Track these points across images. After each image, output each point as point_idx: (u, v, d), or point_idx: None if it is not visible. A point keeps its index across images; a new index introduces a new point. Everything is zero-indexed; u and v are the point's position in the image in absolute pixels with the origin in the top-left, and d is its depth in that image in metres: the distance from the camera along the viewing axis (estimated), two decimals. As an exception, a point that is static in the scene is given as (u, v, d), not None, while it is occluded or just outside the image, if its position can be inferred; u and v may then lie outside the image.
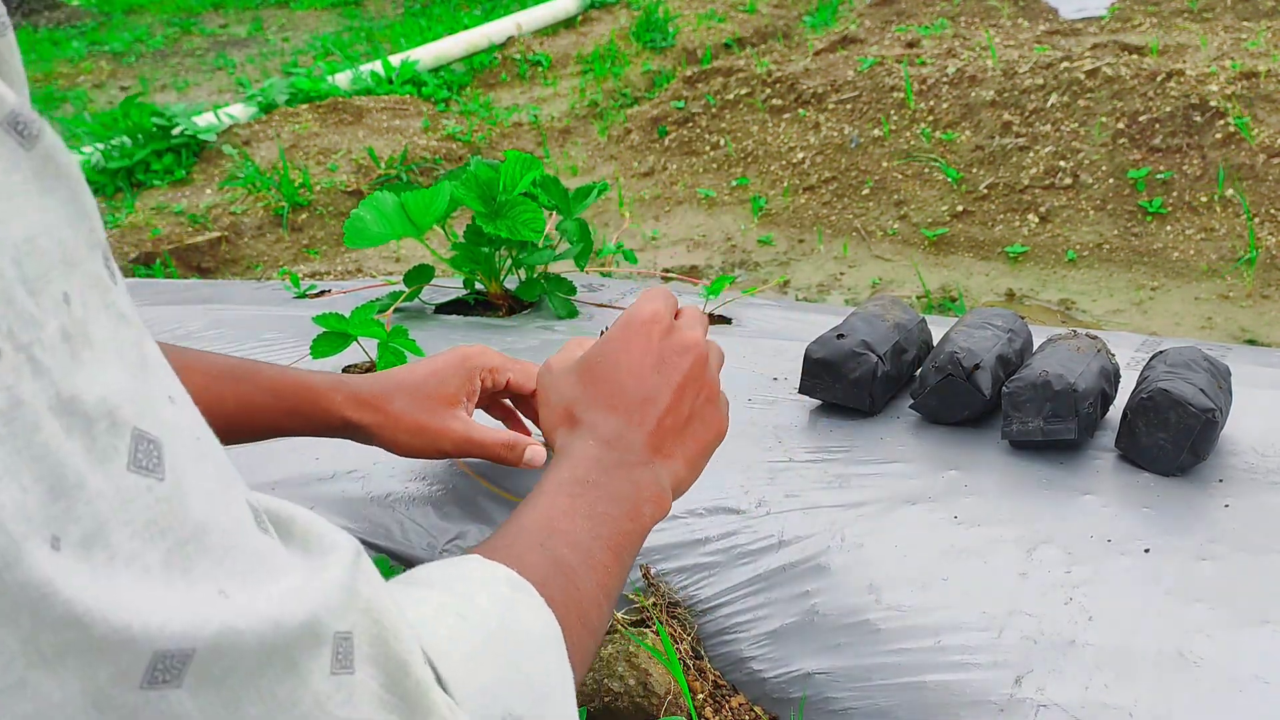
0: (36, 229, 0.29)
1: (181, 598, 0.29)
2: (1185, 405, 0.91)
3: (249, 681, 0.32)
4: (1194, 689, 0.75)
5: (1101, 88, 2.89)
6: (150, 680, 0.29)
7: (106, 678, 0.28)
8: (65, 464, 0.28)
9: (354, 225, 1.37)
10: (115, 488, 0.29)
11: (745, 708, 0.88)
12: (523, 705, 0.47)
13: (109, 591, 0.28)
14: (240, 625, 0.31)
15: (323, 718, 0.34)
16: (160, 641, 0.29)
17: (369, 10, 7.00)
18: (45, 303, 0.29)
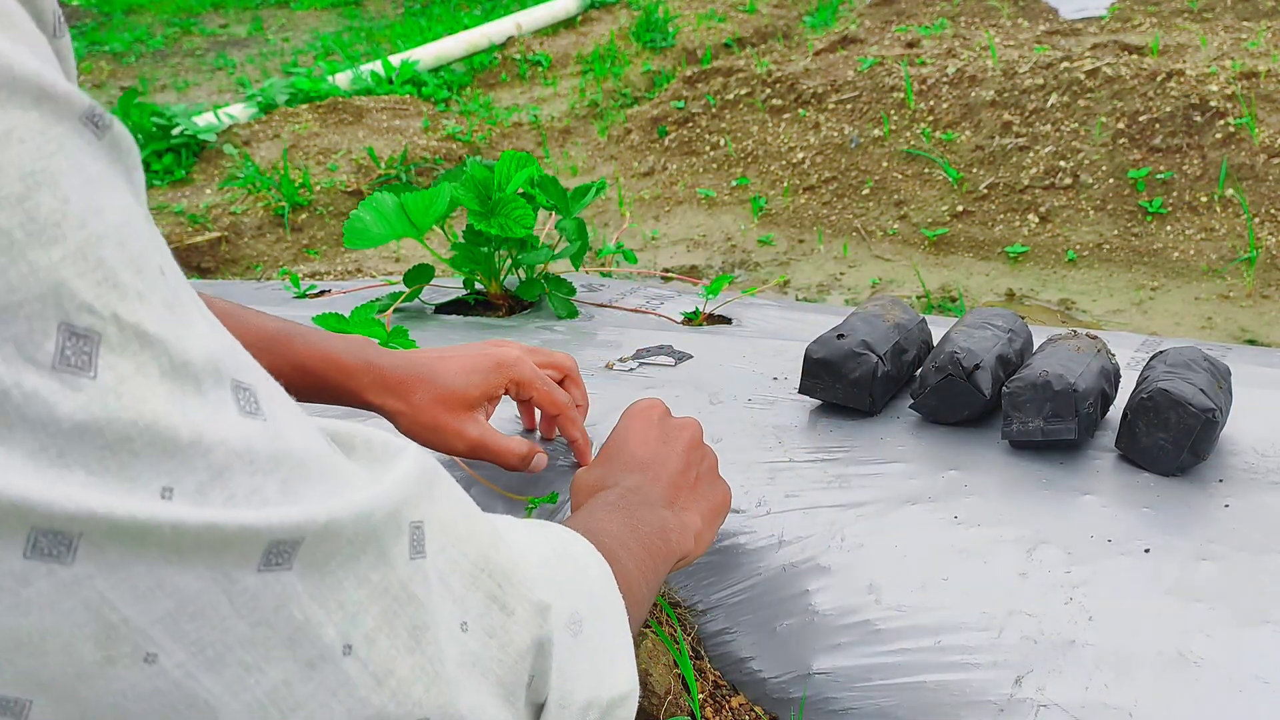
0: (128, 211, 0.33)
1: (289, 509, 0.35)
2: (1185, 405, 0.91)
3: (347, 566, 0.37)
4: (1194, 689, 0.75)
5: (1101, 88, 2.89)
6: (265, 564, 0.34)
7: (232, 561, 0.33)
8: (177, 425, 0.32)
9: (354, 226, 1.37)
10: (233, 434, 0.33)
11: (745, 708, 0.88)
12: (587, 610, 0.51)
13: (229, 518, 0.33)
14: (340, 516, 0.36)
15: (407, 598, 0.39)
16: (276, 532, 0.34)
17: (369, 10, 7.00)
18: (148, 278, 0.33)
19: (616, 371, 1.23)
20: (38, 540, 0.30)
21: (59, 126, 0.31)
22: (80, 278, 0.30)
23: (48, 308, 0.30)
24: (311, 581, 0.35)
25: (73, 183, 0.31)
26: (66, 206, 0.30)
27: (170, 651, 0.33)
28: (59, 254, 0.30)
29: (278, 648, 0.35)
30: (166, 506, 0.31)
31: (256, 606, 0.34)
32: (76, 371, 0.30)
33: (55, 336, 0.30)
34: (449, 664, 0.41)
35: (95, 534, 0.30)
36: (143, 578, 0.31)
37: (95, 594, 0.31)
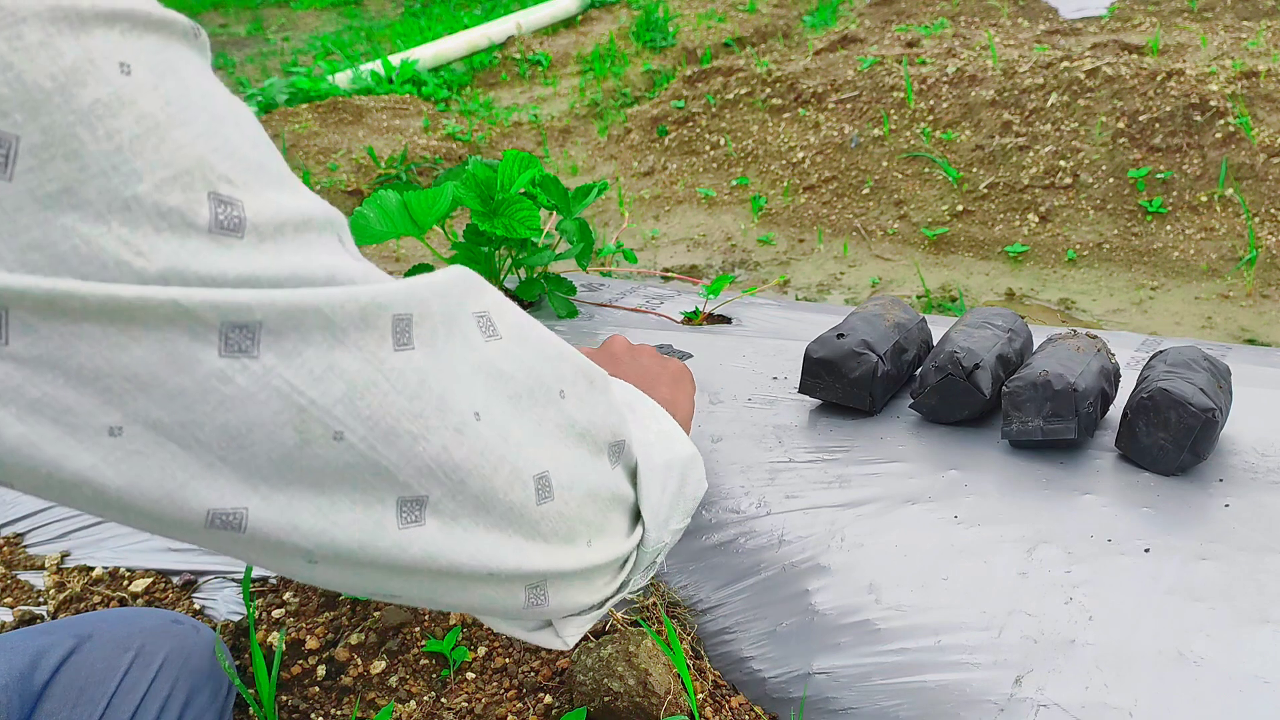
0: (227, 95, 0.39)
1: (388, 284, 0.42)
2: (1185, 405, 0.91)
3: (451, 345, 0.43)
4: (1194, 689, 0.74)
5: (1101, 87, 2.89)
6: (397, 344, 0.41)
7: (374, 342, 0.40)
8: (314, 271, 0.39)
9: (357, 223, 1.37)
10: (351, 269, 0.41)
11: (745, 707, 0.88)
12: (635, 397, 0.61)
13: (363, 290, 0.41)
14: (418, 286, 0.43)
15: (498, 374, 0.46)
16: (390, 300, 0.41)
17: (369, 10, 7.00)
18: (263, 150, 0.39)
19: (616, 371, 1.23)
20: (228, 335, 0.35)
21: (169, 38, 0.36)
22: (215, 152, 0.36)
23: (196, 179, 0.35)
24: (433, 359, 0.42)
25: (187, 71, 0.36)
26: (188, 92, 0.36)
27: (353, 428, 0.39)
28: (194, 132, 0.35)
29: (433, 416, 0.41)
30: (326, 290, 0.38)
31: (406, 383, 0.40)
32: (228, 233, 0.36)
33: (208, 204, 0.35)
34: (550, 425, 0.48)
35: (271, 319, 0.36)
36: (315, 362, 0.38)
37: (284, 382, 0.37)
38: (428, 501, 0.42)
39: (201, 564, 1.11)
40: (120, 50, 0.34)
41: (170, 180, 0.34)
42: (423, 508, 0.42)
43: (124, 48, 0.34)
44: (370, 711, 0.93)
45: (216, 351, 0.35)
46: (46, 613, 1.09)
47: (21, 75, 0.32)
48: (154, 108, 0.34)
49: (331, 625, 1.00)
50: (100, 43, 0.33)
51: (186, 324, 0.35)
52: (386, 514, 0.41)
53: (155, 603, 1.09)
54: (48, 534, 1.19)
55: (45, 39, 0.32)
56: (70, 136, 0.33)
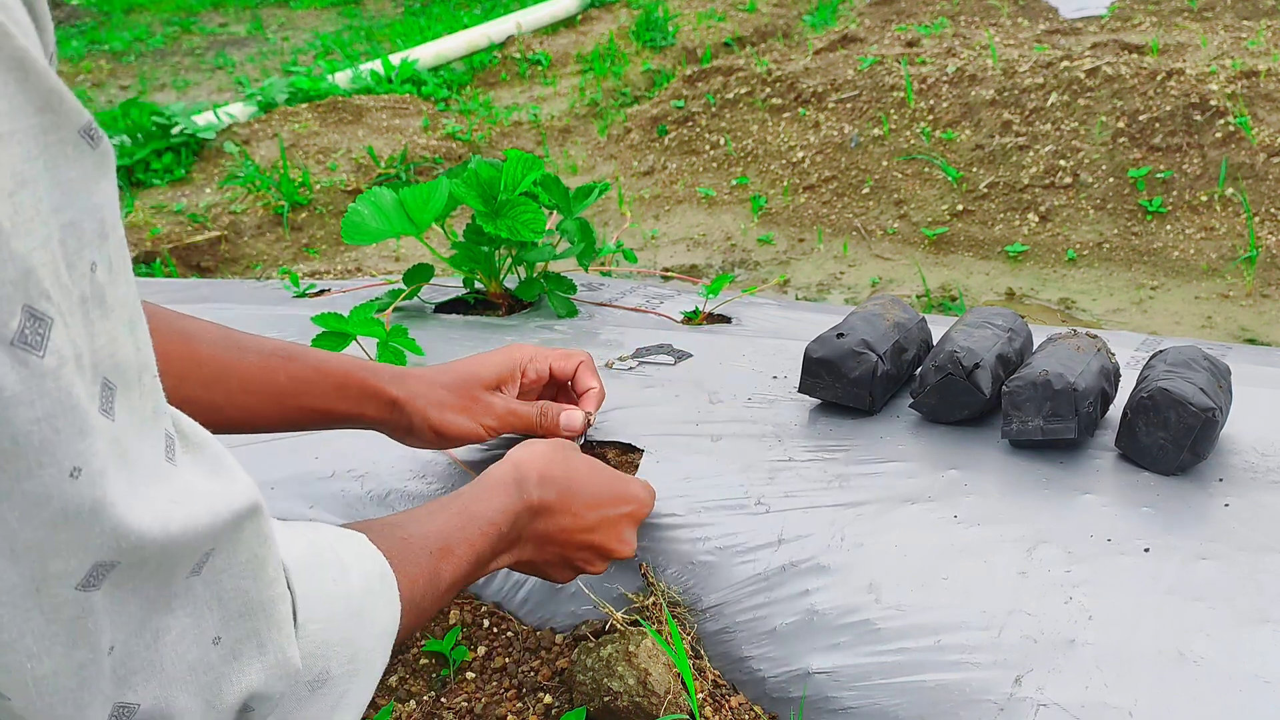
0: (83, 213, 0.37)
1: (136, 510, 0.40)
2: (1185, 404, 0.91)
3: (138, 586, 0.42)
4: (1194, 689, 0.75)
5: (1101, 87, 2.89)
6: (84, 584, 0.39)
7: (56, 572, 0.38)
8: (87, 412, 0.37)
9: (352, 221, 1.36)
10: (98, 427, 0.38)
11: (745, 707, 0.88)
12: (339, 671, 0.56)
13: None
14: (160, 536, 0.41)
15: (165, 607, 0.44)
16: (124, 536, 0.39)
17: (369, 9, 7.00)
18: (76, 274, 0.37)
19: (616, 370, 1.23)
20: None
21: (55, 135, 0.36)
22: (43, 267, 0.35)
23: (18, 291, 0.34)
24: (110, 600, 0.41)
25: (45, 182, 0.35)
26: (40, 204, 0.35)
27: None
28: (32, 244, 0.35)
29: (60, 644, 0.40)
30: (74, 485, 0.37)
31: (58, 615, 0.39)
32: (29, 349, 0.35)
33: (19, 316, 0.34)
34: (181, 665, 0.46)
35: None
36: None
37: None
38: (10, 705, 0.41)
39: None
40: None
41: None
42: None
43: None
44: (370, 711, 0.93)
45: None
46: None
47: None
48: (3, 217, 0.34)
49: (331, 625, 1.00)
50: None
51: None
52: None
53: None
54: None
55: None
56: None
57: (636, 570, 0.94)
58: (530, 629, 0.98)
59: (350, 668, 0.58)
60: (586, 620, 0.95)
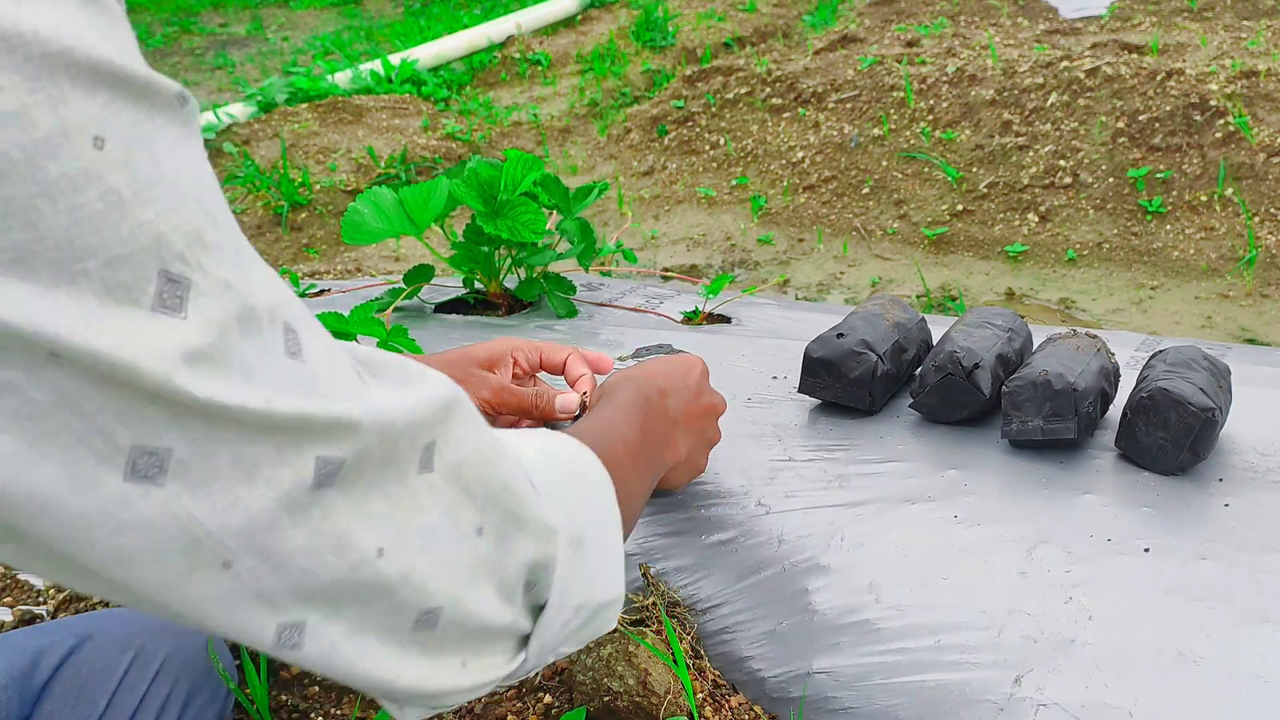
0: (204, 171, 0.38)
1: (335, 404, 0.41)
2: (1185, 404, 0.91)
3: (374, 483, 0.43)
4: (1194, 689, 0.74)
5: (1101, 87, 2.89)
6: (316, 484, 0.40)
7: (290, 481, 0.39)
8: (249, 359, 0.37)
9: (351, 220, 1.36)
10: (277, 372, 0.39)
11: (745, 707, 0.88)
12: (590, 530, 0.58)
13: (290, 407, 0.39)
14: (370, 419, 0.41)
15: (418, 508, 0.45)
16: (324, 421, 0.40)
17: (369, 9, 7.00)
18: (223, 229, 0.38)
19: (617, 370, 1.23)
20: (136, 461, 0.35)
21: (159, 98, 0.36)
22: (174, 231, 0.35)
23: (150, 257, 0.35)
24: (349, 497, 0.42)
25: (161, 146, 0.36)
26: (159, 168, 0.35)
27: (243, 559, 0.39)
28: (157, 210, 0.35)
29: (329, 553, 0.41)
30: (250, 417, 0.37)
31: (309, 520, 0.40)
32: (170, 313, 0.35)
33: (155, 281, 0.35)
34: (461, 563, 0.48)
35: (182, 449, 0.36)
36: (221, 495, 0.37)
37: (186, 513, 0.37)
38: (305, 626, 0.43)
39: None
40: (98, 123, 0.34)
41: (123, 258, 0.34)
42: (300, 632, 0.43)
43: (102, 121, 0.34)
44: (370, 711, 0.93)
45: (121, 476, 0.35)
46: (46, 612, 1.09)
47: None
48: (120, 184, 0.34)
49: (331, 625, 1.00)
50: (78, 114, 0.33)
51: (98, 443, 0.35)
52: (265, 635, 0.42)
53: (155, 602, 1.08)
54: (47, 534, 1.18)
55: (21, 110, 0.32)
56: (30, 208, 0.32)
57: (636, 570, 0.94)
58: (530, 629, 0.98)
59: (598, 523, 0.59)
60: (586, 620, 0.95)
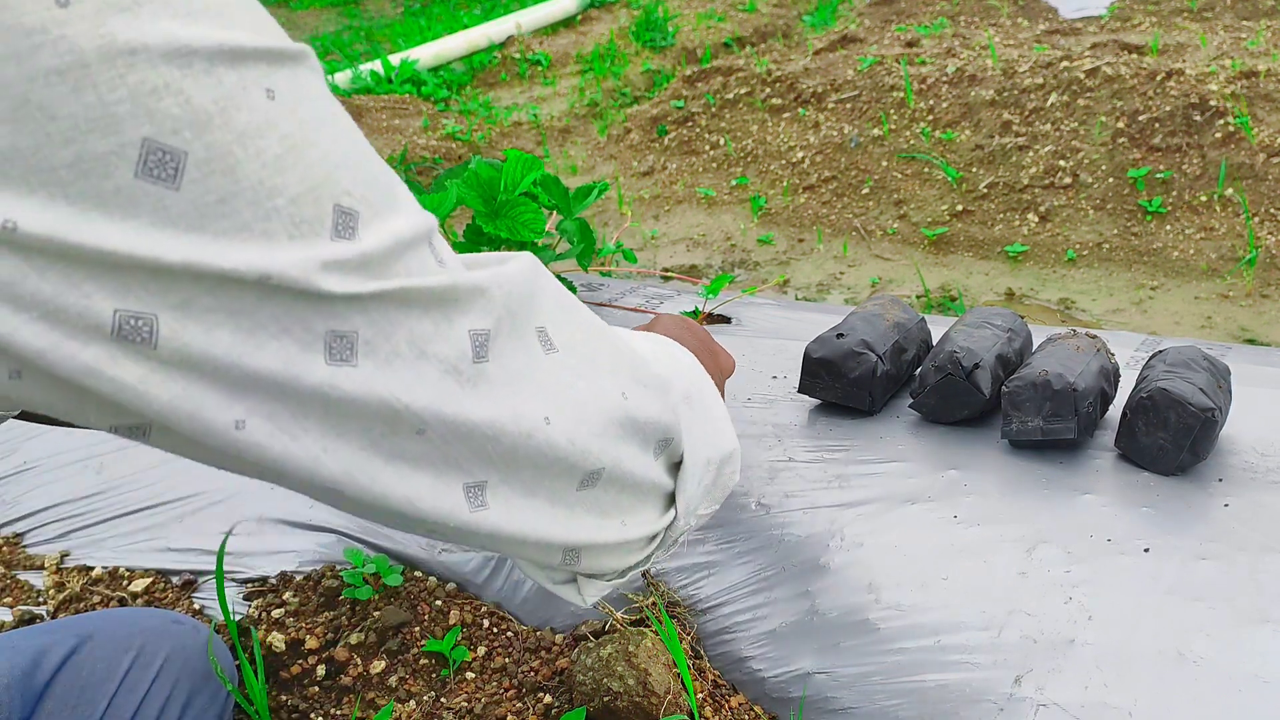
0: (344, 115, 0.44)
1: (473, 275, 0.48)
2: (1185, 404, 0.91)
3: (521, 357, 0.49)
4: (1194, 689, 0.75)
5: (1101, 87, 2.89)
6: (477, 355, 0.47)
7: (456, 356, 0.46)
8: (409, 265, 0.44)
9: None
10: (428, 270, 0.45)
11: (745, 707, 0.88)
12: (694, 389, 0.64)
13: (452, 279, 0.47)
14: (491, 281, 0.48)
15: (559, 384, 0.51)
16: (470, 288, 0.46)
17: (368, 10, 7.00)
18: (373, 165, 0.44)
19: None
20: (331, 345, 0.41)
21: (299, 66, 0.41)
22: (338, 168, 0.41)
23: (324, 192, 0.40)
24: (506, 370, 0.48)
25: (315, 94, 0.41)
26: (319, 114, 0.41)
27: (435, 427, 0.45)
28: (323, 151, 0.41)
29: (508, 423, 0.48)
30: (425, 275, 0.44)
31: (478, 391, 0.46)
32: (347, 240, 0.41)
33: (332, 214, 0.41)
34: (613, 425, 0.54)
35: (365, 330, 0.42)
36: (406, 371, 0.44)
37: (386, 389, 0.43)
38: (487, 486, 0.49)
39: (200, 564, 1.11)
40: (267, 78, 0.39)
41: (305, 194, 0.40)
42: (484, 491, 0.49)
43: (270, 76, 0.39)
44: (370, 711, 0.93)
45: (323, 359, 0.41)
46: (46, 612, 1.09)
47: (191, 98, 0.37)
48: (293, 129, 0.39)
49: (331, 625, 1.00)
50: (252, 72, 0.39)
51: (299, 333, 0.41)
52: (457, 497, 0.48)
53: (155, 603, 1.08)
54: (47, 534, 1.19)
55: (209, 67, 0.37)
56: (228, 154, 0.38)
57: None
58: (530, 629, 0.98)
59: (697, 386, 0.65)
60: (586, 620, 0.95)
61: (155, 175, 0.36)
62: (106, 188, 0.36)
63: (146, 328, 0.38)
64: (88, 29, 0.35)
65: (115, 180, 0.36)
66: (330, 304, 0.41)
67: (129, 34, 0.35)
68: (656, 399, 0.58)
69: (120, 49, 0.35)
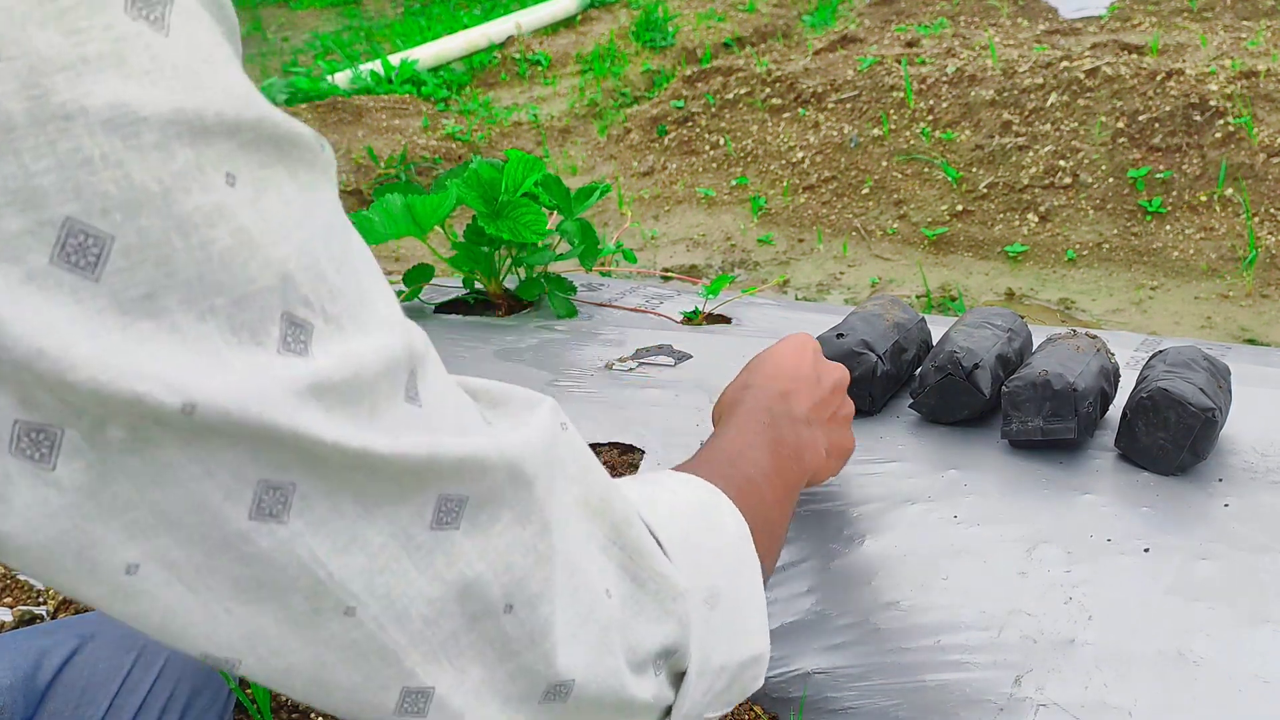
0: (334, 216, 0.37)
1: (456, 440, 0.39)
2: (1185, 404, 0.91)
3: (508, 529, 0.40)
4: (1194, 689, 0.75)
5: (1101, 87, 2.89)
6: (436, 522, 0.38)
7: (408, 516, 0.37)
8: (372, 403, 0.36)
9: (361, 225, 1.37)
10: (400, 415, 0.37)
11: (745, 707, 0.88)
12: (724, 582, 0.54)
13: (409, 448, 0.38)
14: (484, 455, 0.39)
15: (548, 569, 0.42)
16: (444, 460, 0.38)
17: (368, 10, 7.00)
18: (349, 274, 0.37)
19: (616, 371, 1.23)
20: (261, 497, 0.34)
21: (286, 153, 0.35)
22: (302, 272, 0.35)
23: (274, 298, 0.34)
24: (476, 540, 0.39)
25: (291, 187, 0.35)
26: (288, 208, 0.35)
27: (366, 604, 0.37)
28: (283, 251, 0.34)
29: (453, 602, 0.39)
30: (371, 438, 0.36)
31: (432, 563, 0.38)
32: (295, 355, 0.34)
33: (279, 324, 0.34)
34: (594, 628, 0.44)
35: (306, 484, 0.35)
36: (341, 533, 0.36)
37: (308, 551, 0.36)
38: (433, 694, 0.40)
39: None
40: (231, 159, 0.33)
41: (250, 297, 0.33)
42: (427, 700, 0.40)
43: (236, 158, 0.34)
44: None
45: (247, 512, 0.34)
46: (46, 613, 1.09)
47: (130, 174, 0.31)
48: (250, 221, 0.33)
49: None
50: (213, 150, 0.33)
51: (224, 477, 0.34)
52: (387, 699, 0.39)
53: (156, 603, 1.08)
54: (48, 534, 1.18)
55: (161, 140, 0.32)
56: (164, 242, 0.32)
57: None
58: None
59: (734, 573, 0.55)
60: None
61: (73, 261, 0.31)
62: (17, 273, 0.30)
63: (48, 444, 0.32)
64: (17, 88, 0.30)
65: (29, 264, 0.30)
66: (273, 443, 0.34)
67: (66, 95, 0.30)
68: (654, 607, 0.48)
69: (54, 112, 0.30)
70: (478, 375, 0.46)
